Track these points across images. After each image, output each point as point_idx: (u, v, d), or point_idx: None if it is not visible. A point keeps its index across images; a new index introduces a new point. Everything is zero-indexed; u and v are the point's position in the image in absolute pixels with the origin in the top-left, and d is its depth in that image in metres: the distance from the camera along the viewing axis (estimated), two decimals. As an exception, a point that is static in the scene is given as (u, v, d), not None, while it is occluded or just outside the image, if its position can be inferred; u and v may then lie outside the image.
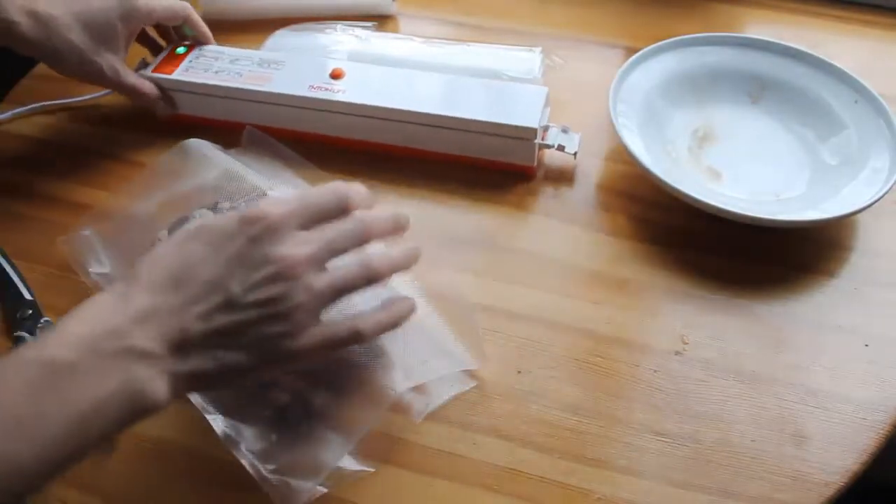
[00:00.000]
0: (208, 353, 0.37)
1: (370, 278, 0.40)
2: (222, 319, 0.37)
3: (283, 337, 0.38)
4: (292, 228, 0.39)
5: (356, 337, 0.40)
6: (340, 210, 0.41)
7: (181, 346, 0.37)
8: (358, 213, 0.41)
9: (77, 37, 0.57)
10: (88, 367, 0.35)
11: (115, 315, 0.36)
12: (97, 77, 0.60)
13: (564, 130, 0.61)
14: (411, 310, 0.43)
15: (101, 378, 0.35)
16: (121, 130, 0.67)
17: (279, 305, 0.37)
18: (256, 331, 0.38)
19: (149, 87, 0.63)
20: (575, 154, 0.60)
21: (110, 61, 0.59)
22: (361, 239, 0.41)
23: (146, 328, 0.36)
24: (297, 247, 0.38)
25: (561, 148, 0.60)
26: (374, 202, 0.42)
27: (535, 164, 0.60)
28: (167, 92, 0.64)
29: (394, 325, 0.42)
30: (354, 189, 0.41)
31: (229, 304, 0.37)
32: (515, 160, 0.60)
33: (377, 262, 0.41)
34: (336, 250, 0.40)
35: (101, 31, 0.58)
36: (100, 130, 0.67)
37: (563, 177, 0.61)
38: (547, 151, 0.62)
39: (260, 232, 0.38)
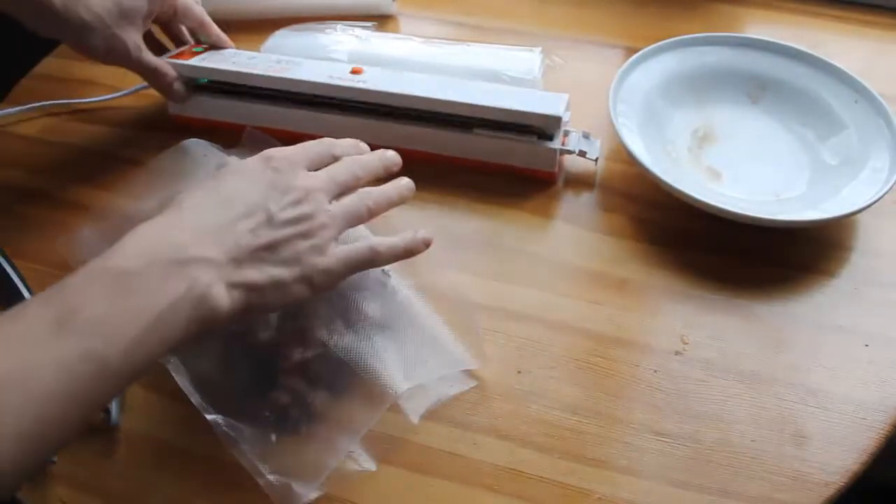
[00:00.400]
0: (257, 266, 0.41)
1: (370, 207, 0.47)
2: (266, 235, 0.42)
3: (312, 252, 0.43)
4: (302, 166, 0.45)
5: (373, 255, 0.45)
6: (332, 156, 0.48)
7: (235, 257, 0.40)
8: (349, 157, 0.48)
9: (105, 10, 0.56)
10: (155, 274, 0.38)
11: (171, 230, 0.40)
12: (121, 54, 0.59)
13: (585, 136, 0.61)
14: (424, 244, 0.48)
15: (168, 283, 0.38)
16: (121, 130, 0.67)
17: (306, 224, 0.43)
18: (292, 246, 0.42)
19: (169, 69, 0.62)
20: (596, 160, 0.60)
21: (134, 39, 0.59)
22: (356, 172, 0.47)
23: (203, 240, 0.40)
24: (310, 178, 0.45)
25: (582, 154, 0.60)
26: (363, 149, 0.50)
27: (557, 169, 0.60)
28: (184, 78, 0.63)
29: (406, 253, 0.47)
30: (341, 142, 0.49)
31: (270, 222, 0.42)
32: (535, 166, 0.60)
33: (375, 193, 0.47)
34: (339, 182, 0.46)
35: (128, 7, 0.58)
36: (100, 130, 0.67)
37: (574, 180, 0.61)
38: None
39: (279, 165, 0.44)
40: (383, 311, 0.49)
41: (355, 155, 0.49)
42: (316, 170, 0.47)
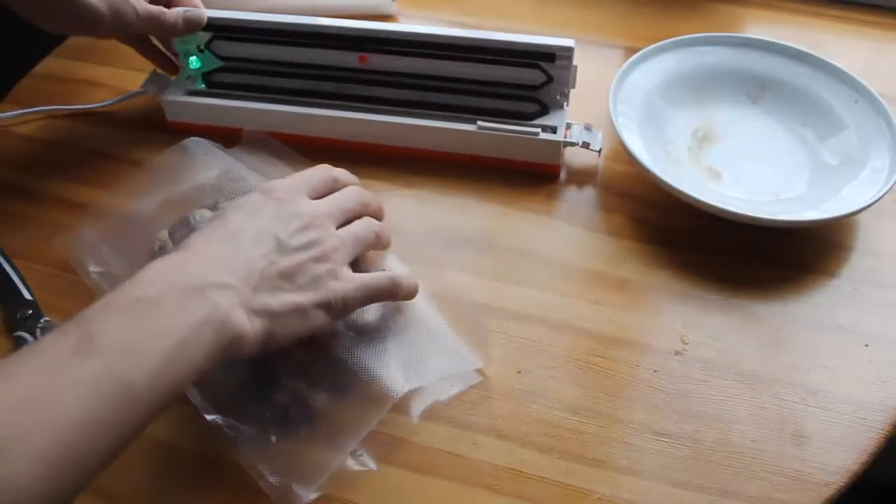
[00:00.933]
0: (274, 294, 0.41)
1: (378, 234, 0.48)
2: (280, 262, 0.42)
3: (329, 277, 0.43)
4: (304, 193, 0.46)
5: (394, 288, 0.46)
6: (333, 179, 0.48)
7: (251, 283, 0.40)
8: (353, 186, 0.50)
9: None
10: (174, 300, 0.37)
11: (184, 263, 0.40)
12: (127, 12, 0.57)
13: (588, 128, 0.61)
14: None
15: (187, 309, 0.37)
16: (121, 130, 0.67)
17: (317, 249, 0.43)
18: (307, 272, 0.42)
19: (170, 12, 0.60)
20: (599, 151, 0.60)
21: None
22: (360, 199, 0.48)
23: (220, 268, 0.40)
24: (314, 204, 0.45)
25: (586, 145, 0.60)
26: (356, 180, 0.51)
27: (561, 162, 0.61)
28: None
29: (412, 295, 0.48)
30: (338, 169, 0.50)
31: (281, 248, 0.42)
32: (539, 160, 0.60)
33: (378, 224, 0.48)
34: (344, 209, 0.46)
35: None
36: (100, 130, 0.67)
37: (575, 177, 0.62)
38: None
39: (281, 195, 0.45)
40: (384, 311, 0.49)
41: (351, 180, 0.50)
42: (318, 197, 0.47)
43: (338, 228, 0.46)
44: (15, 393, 0.32)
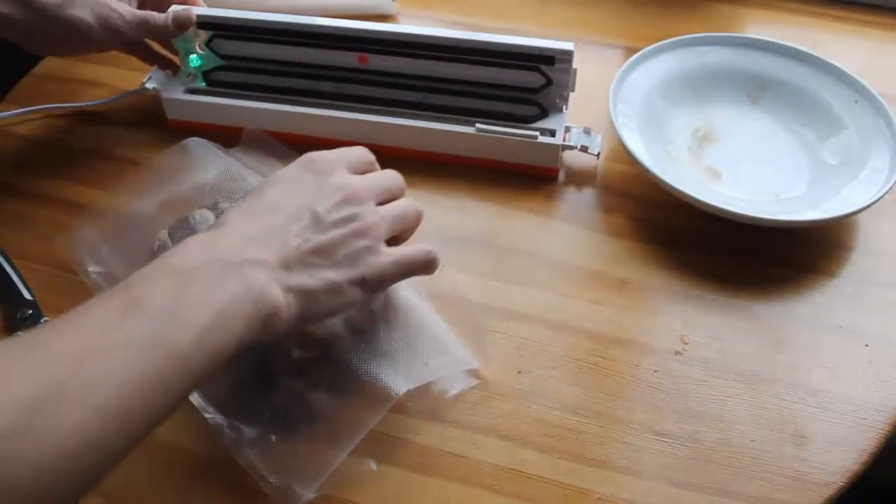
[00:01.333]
0: (307, 271, 0.40)
1: (419, 213, 0.46)
2: (315, 239, 0.41)
3: (366, 252, 0.42)
4: (343, 167, 0.44)
5: (429, 261, 0.45)
6: (368, 162, 0.47)
7: (285, 261, 0.40)
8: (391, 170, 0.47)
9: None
10: (214, 273, 0.37)
11: (219, 240, 0.40)
12: (114, 19, 0.58)
13: (586, 131, 0.61)
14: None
15: (225, 281, 0.37)
16: (121, 130, 0.67)
17: (356, 223, 0.42)
18: (344, 248, 0.41)
19: (158, 15, 0.61)
20: (598, 155, 0.60)
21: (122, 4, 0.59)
22: (399, 183, 0.47)
23: (255, 245, 0.39)
24: (356, 178, 0.44)
25: (584, 149, 0.60)
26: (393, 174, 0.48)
27: (559, 165, 0.61)
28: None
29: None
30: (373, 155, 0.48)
31: (318, 224, 0.41)
32: (538, 163, 0.60)
33: (419, 206, 0.47)
34: (384, 187, 0.45)
35: None
36: (100, 130, 0.67)
37: (574, 178, 0.61)
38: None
39: (321, 168, 0.44)
40: (384, 311, 0.49)
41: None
42: (355, 174, 0.45)
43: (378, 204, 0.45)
44: (73, 349, 0.33)
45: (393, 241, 0.45)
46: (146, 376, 0.34)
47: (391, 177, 0.46)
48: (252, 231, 0.40)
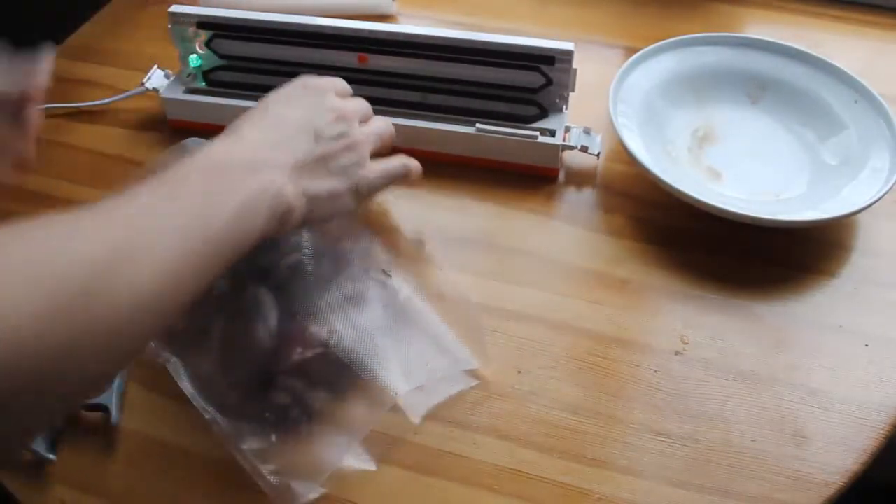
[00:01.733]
0: (312, 178, 0.45)
1: (392, 131, 0.53)
2: (317, 149, 0.46)
3: (356, 165, 0.48)
4: (332, 92, 0.50)
5: (406, 171, 0.52)
6: (348, 91, 0.52)
7: (297, 165, 0.45)
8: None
9: None
10: (237, 172, 0.42)
11: (240, 143, 0.44)
12: None
13: (586, 132, 0.61)
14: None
15: (247, 179, 0.41)
16: (120, 129, 0.67)
17: (348, 139, 0.48)
18: (339, 160, 0.47)
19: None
20: (598, 155, 0.61)
21: None
22: (368, 107, 0.52)
23: (270, 150, 0.44)
24: (343, 101, 0.50)
25: (584, 149, 0.60)
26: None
27: (559, 165, 0.61)
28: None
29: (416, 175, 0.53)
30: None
31: (318, 137, 0.46)
32: (538, 163, 0.60)
33: (391, 126, 0.53)
34: (363, 111, 0.51)
35: None
36: (100, 130, 0.67)
37: (575, 178, 0.62)
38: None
39: (317, 89, 0.49)
40: (384, 310, 0.49)
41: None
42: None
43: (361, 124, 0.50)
44: (133, 216, 0.37)
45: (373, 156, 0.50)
46: (188, 249, 0.37)
47: (366, 104, 0.52)
48: (265, 139, 0.45)
